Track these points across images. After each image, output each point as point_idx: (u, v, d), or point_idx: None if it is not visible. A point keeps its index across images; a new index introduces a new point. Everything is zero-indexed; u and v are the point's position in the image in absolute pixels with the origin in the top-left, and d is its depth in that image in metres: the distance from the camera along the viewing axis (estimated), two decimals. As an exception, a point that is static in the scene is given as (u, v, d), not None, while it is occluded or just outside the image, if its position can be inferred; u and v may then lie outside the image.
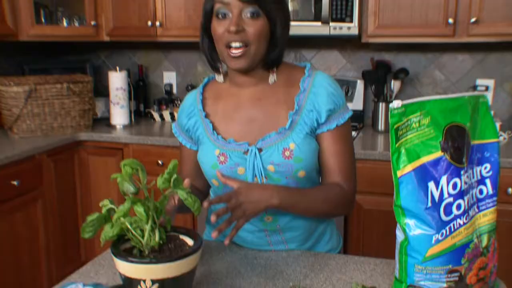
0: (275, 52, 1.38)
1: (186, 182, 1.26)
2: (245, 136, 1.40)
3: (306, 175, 1.39)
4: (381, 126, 3.07)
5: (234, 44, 1.31)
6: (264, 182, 1.38)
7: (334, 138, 1.41)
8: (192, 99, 1.51)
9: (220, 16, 1.33)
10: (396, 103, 1.09)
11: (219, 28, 1.33)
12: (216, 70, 1.47)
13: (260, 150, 1.37)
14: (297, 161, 1.36)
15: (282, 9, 1.37)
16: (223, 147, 1.40)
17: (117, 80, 3.22)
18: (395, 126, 1.11)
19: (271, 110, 1.41)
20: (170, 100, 3.56)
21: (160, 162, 2.96)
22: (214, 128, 1.44)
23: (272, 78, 1.42)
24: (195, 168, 1.51)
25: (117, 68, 3.27)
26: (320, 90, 1.39)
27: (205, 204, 1.24)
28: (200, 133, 1.46)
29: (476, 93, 1.24)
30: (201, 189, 1.56)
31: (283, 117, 1.39)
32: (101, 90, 3.62)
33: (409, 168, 1.11)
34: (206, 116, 1.46)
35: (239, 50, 1.31)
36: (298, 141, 1.36)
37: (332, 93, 1.39)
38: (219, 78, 1.48)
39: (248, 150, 1.38)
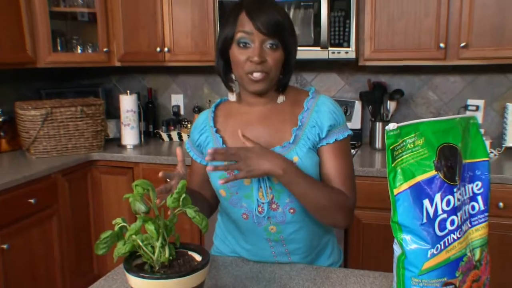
0: (288, 76, 1.43)
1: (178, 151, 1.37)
2: None
3: None
4: (378, 144, 3.07)
5: (255, 74, 1.35)
6: (269, 192, 1.38)
7: (334, 153, 1.41)
8: (204, 117, 1.54)
9: (241, 44, 1.35)
10: (391, 126, 1.10)
11: (240, 55, 1.36)
12: (230, 89, 1.49)
13: None
14: None
15: (295, 39, 1.42)
16: None
17: (127, 103, 3.24)
18: (391, 147, 1.12)
19: (276, 127, 1.43)
20: (177, 121, 3.57)
21: (168, 180, 2.95)
22: (223, 142, 1.46)
23: (281, 98, 1.45)
24: (204, 180, 1.52)
25: (128, 92, 3.29)
26: (323, 108, 1.41)
27: (221, 182, 1.26)
28: (210, 147, 1.47)
29: (466, 115, 1.25)
30: (208, 199, 1.56)
31: (288, 133, 1.41)
32: (113, 112, 3.64)
33: (405, 186, 1.12)
34: (217, 131, 1.48)
35: (260, 76, 1.35)
36: (301, 155, 1.38)
37: (333, 111, 1.42)
38: (232, 97, 1.50)
39: None
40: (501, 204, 2.46)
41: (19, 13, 3.00)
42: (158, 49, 3.24)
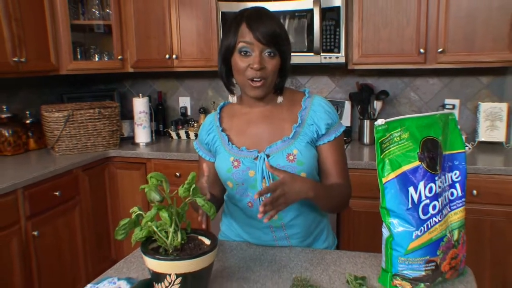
0: (284, 80, 1.44)
1: (205, 168, 1.33)
2: (255, 145, 1.43)
3: (307, 176, 1.40)
4: (366, 139, 3.07)
5: (256, 79, 1.36)
6: (271, 182, 1.39)
7: (333, 148, 1.44)
8: (211, 119, 1.54)
9: (243, 53, 1.36)
10: (380, 121, 1.11)
11: (242, 63, 1.36)
12: (231, 92, 1.49)
13: (268, 156, 1.39)
14: (299, 164, 1.38)
15: (290, 47, 1.42)
16: (236, 154, 1.42)
17: (140, 105, 3.23)
18: (379, 140, 1.12)
19: (277, 125, 1.44)
20: (185, 121, 3.57)
21: (177, 174, 2.97)
22: (229, 140, 1.46)
23: (280, 99, 1.46)
24: (212, 177, 1.51)
25: (140, 95, 3.28)
26: (319, 108, 1.43)
27: (256, 196, 1.22)
28: (217, 145, 1.48)
29: (446, 111, 1.25)
30: (216, 195, 1.56)
31: (287, 130, 1.42)
32: (127, 114, 3.63)
33: (392, 175, 1.12)
34: (223, 130, 1.49)
35: (260, 83, 1.36)
36: (300, 148, 1.39)
37: (328, 111, 1.44)
38: (233, 99, 1.51)
39: (257, 156, 1.40)
40: (474, 192, 2.47)
41: (45, 27, 3.01)
42: (167, 56, 3.24)
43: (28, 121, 3.14)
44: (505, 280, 2.54)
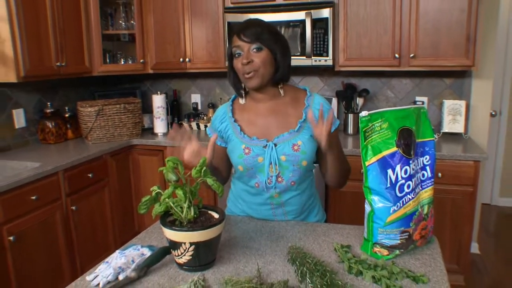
0: (279, 72, 1.38)
1: (213, 138, 1.33)
2: (264, 136, 1.40)
3: (307, 164, 1.39)
4: (350, 130, 3.05)
5: (246, 72, 1.34)
6: (277, 168, 1.37)
7: (333, 139, 1.41)
8: (224, 109, 1.50)
9: (236, 55, 1.35)
10: (364, 113, 1.10)
11: (237, 63, 1.35)
12: (240, 95, 1.47)
13: (275, 145, 1.38)
14: (303, 153, 1.36)
15: (279, 41, 1.37)
16: (248, 143, 1.40)
17: (158, 101, 3.22)
18: (363, 129, 1.11)
19: (283, 118, 1.41)
20: (196, 114, 3.55)
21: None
22: (241, 130, 1.43)
23: (282, 91, 1.43)
24: (221, 159, 1.50)
25: (158, 92, 3.26)
26: (319, 107, 1.41)
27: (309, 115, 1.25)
28: (230, 133, 1.45)
29: (418, 105, 1.24)
30: (223, 173, 1.54)
31: (292, 123, 1.40)
32: (147, 108, 3.61)
33: (374, 159, 1.11)
34: (235, 121, 1.45)
35: (251, 74, 1.34)
36: (304, 140, 1.37)
37: (327, 110, 1.42)
38: (242, 101, 1.48)
39: (266, 145, 1.38)
40: (440, 174, 2.48)
41: (81, 37, 3.02)
42: (181, 59, 3.21)
43: (67, 115, 3.15)
44: (461, 244, 2.59)
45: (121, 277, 1.08)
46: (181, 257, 1.10)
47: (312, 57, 2.79)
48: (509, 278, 2.90)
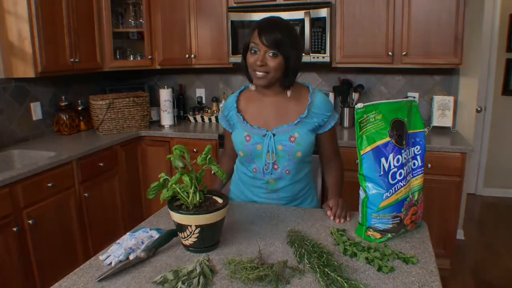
0: (289, 78, 1.37)
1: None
2: (264, 126, 1.41)
3: (302, 155, 1.39)
4: (346, 123, 3.05)
5: (258, 72, 1.34)
6: (274, 156, 1.39)
7: (330, 136, 1.47)
8: (232, 99, 1.51)
9: (252, 51, 1.34)
10: (359, 105, 1.09)
11: (250, 59, 1.35)
12: (251, 81, 1.45)
13: (274, 135, 1.38)
14: (298, 145, 1.37)
15: (296, 49, 1.35)
16: (249, 131, 1.41)
17: (165, 95, 3.20)
18: (359, 120, 1.11)
19: (283, 112, 1.42)
20: (201, 108, 3.54)
21: (194, 150, 2.95)
22: (244, 119, 1.44)
23: (289, 93, 1.42)
24: (231, 142, 1.50)
25: (165, 87, 3.25)
26: (320, 104, 1.41)
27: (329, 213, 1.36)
28: (235, 121, 1.47)
29: (410, 99, 1.24)
30: (234, 158, 1.59)
31: (293, 117, 1.40)
32: (154, 102, 3.60)
33: (368, 149, 1.11)
34: (239, 111, 1.47)
35: (261, 75, 1.34)
36: (301, 133, 1.38)
37: (328, 107, 1.43)
38: (252, 87, 1.48)
39: (266, 134, 1.39)
40: (429, 165, 2.48)
41: (93, 35, 3.01)
42: (187, 55, 3.20)
43: (80, 108, 3.14)
44: (447, 230, 2.60)
45: (131, 257, 1.08)
46: (187, 239, 1.10)
47: (311, 54, 2.78)
48: (491, 262, 2.92)
